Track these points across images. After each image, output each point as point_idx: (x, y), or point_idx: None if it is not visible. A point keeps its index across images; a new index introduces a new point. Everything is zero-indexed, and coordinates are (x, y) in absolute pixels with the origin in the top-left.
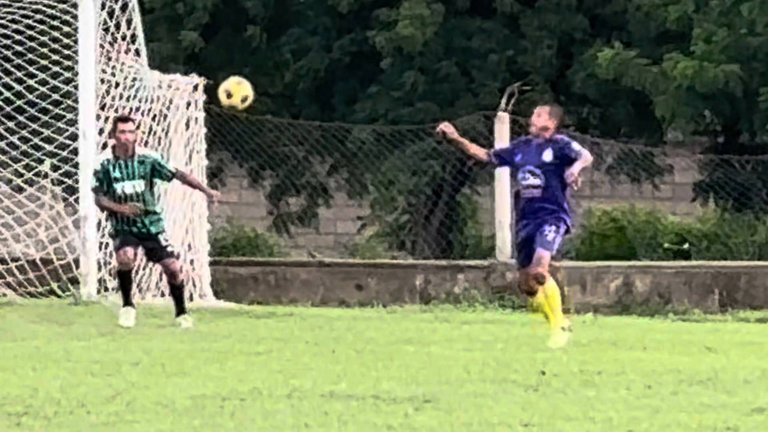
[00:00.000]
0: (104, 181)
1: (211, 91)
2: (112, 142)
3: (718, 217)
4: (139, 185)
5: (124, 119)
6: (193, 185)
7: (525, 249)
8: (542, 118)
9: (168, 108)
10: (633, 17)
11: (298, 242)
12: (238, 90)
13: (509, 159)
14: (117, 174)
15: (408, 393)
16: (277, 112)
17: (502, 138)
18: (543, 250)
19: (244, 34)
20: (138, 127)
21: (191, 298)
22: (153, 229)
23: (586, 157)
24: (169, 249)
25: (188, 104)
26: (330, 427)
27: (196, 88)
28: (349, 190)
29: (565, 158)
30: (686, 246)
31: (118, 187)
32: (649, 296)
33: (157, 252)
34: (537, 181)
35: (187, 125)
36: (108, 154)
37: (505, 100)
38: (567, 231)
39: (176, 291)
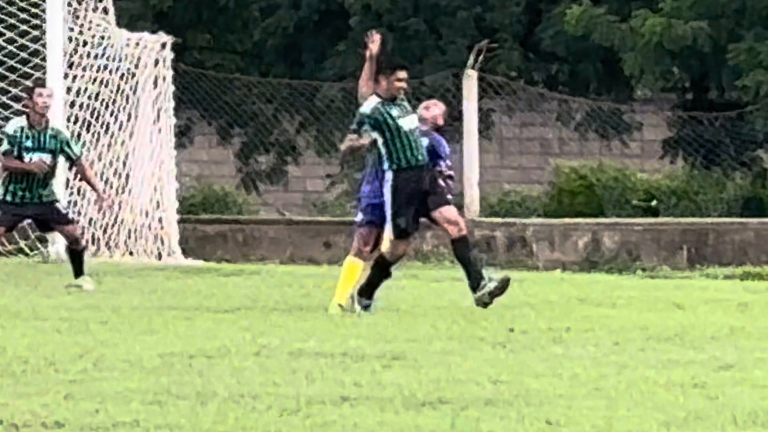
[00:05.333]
0: (15, 148)
1: (178, 50)
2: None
3: (686, 173)
4: (47, 159)
5: (43, 85)
6: (88, 181)
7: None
8: (437, 114)
9: (136, 66)
10: None
11: (266, 200)
12: None
13: None
14: (29, 144)
15: (376, 350)
16: (246, 69)
17: (471, 95)
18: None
19: None
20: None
21: (159, 257)
22: (48, 199)
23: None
24: (68, 216)
25: (156, 62)
26: (298, 385)
27: (164, 46)
28: (318, 148)
29: (434, 153)
30: (655, 203)
31: (27, 157)
32: (617, 253)
33: (55, 220)
34: None
35: (155, 83)
36: (23, 121)
37: (474, 57)
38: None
39: (78, 255)
